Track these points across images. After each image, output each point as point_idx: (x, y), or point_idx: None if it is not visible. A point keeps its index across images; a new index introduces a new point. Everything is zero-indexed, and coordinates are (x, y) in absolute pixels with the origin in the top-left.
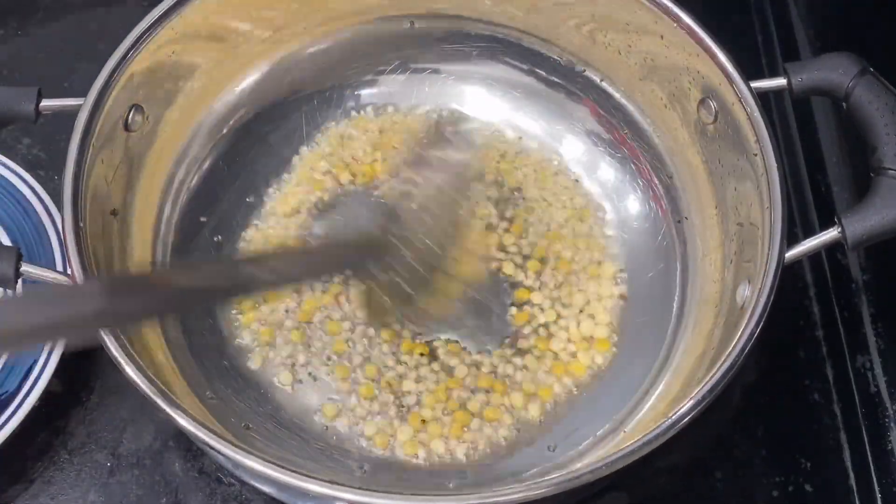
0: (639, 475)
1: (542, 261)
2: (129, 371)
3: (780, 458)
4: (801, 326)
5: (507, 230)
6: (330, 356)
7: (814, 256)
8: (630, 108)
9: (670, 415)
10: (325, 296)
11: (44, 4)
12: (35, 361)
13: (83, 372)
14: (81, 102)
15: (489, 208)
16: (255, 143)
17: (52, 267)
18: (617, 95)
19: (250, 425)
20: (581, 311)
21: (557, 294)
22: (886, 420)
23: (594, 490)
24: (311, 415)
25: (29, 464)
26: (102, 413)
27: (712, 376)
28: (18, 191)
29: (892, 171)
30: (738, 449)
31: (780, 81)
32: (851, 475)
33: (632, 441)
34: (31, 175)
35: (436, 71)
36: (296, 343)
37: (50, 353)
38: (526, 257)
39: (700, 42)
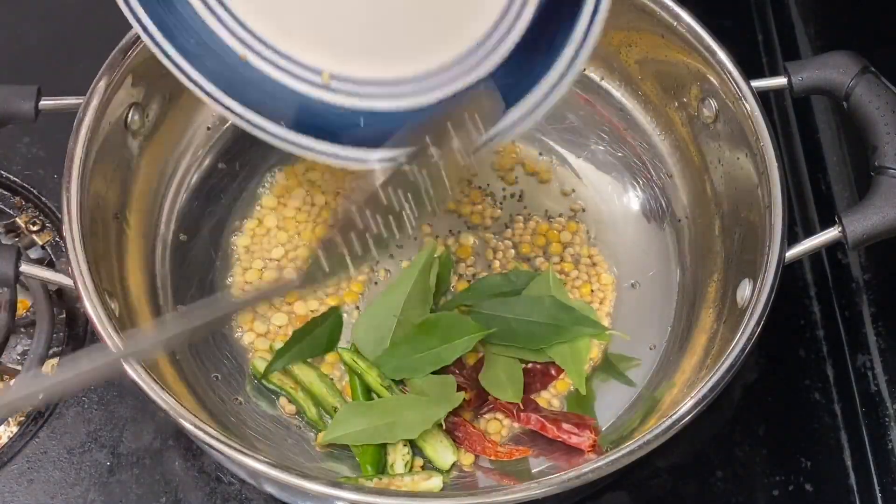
0: (639, 475)
1: (542, 258)
2: (130, 371)
3: (781, 457)
4: (802, 326)
5: (503, 229)
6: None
7: (814, 256)
8: (630, 107)
9: (670, 415)
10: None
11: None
12: None
13: None
14: (81, 101)
15: (486, 208)
16: (255, 140)
17: None
18: (617, 94)
19: (250, 424)
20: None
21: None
22: (887, 419)
23: (594, 490)
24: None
25: (29, 464)
26: (102, 413)
27: (712, 376)
28: None
29: (893, 170)
30: (738, 449)
31: (781, 80)
32: (852, 474)
33: (632, 441)
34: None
35: None
36: None
37: None
38: (524, 259)
39: (700, 41)
